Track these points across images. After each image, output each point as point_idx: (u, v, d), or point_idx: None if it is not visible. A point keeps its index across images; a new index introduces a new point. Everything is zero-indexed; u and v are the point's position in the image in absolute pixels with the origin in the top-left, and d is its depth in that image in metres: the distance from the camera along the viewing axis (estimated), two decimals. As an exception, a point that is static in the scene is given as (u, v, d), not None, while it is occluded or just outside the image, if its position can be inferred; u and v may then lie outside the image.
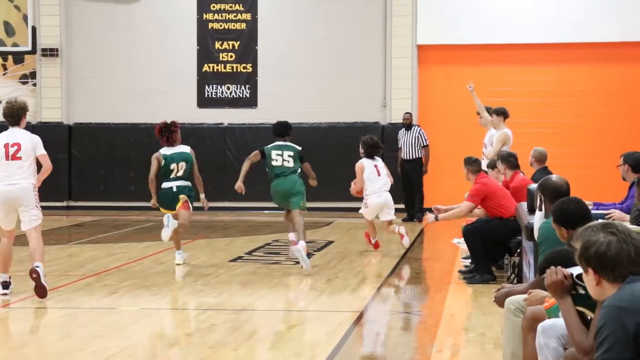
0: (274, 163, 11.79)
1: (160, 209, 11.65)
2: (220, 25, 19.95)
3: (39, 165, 9.80)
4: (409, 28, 19.33)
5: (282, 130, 12.11)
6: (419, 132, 17.83)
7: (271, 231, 15.65)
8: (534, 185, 8.37)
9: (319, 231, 15.84)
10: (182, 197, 11.47)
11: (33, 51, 17.74)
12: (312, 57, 19.76)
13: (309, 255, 12.24)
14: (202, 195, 11.74)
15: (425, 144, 17.78)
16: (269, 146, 11.96)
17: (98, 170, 19.87)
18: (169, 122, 11.86)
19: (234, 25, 19.94)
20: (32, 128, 19.52)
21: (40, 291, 9.29)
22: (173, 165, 11.53)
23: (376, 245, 13.16)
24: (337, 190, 18.90)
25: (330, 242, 14.16)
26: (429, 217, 10.86)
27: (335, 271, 11.28)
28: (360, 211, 13.16)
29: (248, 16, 19.90)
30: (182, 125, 19.19)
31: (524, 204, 9.13)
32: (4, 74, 20.04)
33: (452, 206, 10.95)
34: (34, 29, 16.85)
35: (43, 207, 19.46)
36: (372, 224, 13.14)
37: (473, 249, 10.51)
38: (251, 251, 13.18)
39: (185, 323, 8.83)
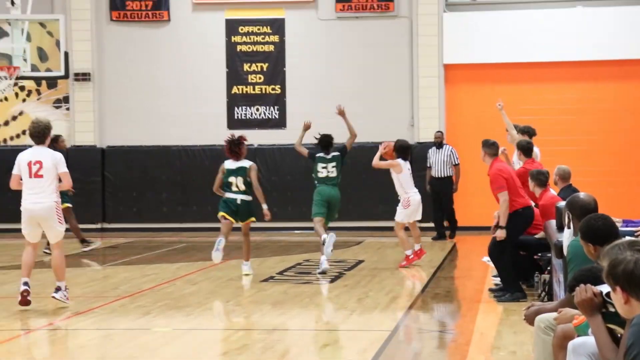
0: (319, 175, 13.07)
1: (220, 212, 12.35)
2: (249, 48, 20.07)
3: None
4: (435, 48, 19.35)
5: (328, 144, 13.16)
6: (450, 151, 17.81)
7: (302, 251, 15.65)
8: (562, 203, 8.35)
9: (349, 250, 15.84)
10: (251, 220, 12.51)
11: (66, 76, 17.89)
12: (340, 77, 19.82)
13: (339, 275, 12.34)
14: (265, 206, 12.28)
15: (456, 163, 17.77)
16: (317, 156, 13.17)
17: (131, 193, 20.00)
18: (236, 136, 12.53)
19: (262, 48, 20.06)
20: (66, 152, 19.74)
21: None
22: (232, 179, 12.33)
23: (421, 253, 13.40)
24: (366, 209, 18.95)
25: (360, 262, 14.16)
26: (499, 233, 10.37)
27: (365, 290, 11.28)
28: (399, 217, 13.34)
29: (276, 38, 20.02)
30: (212, 146, 19.63)
31: (553, 222, 9.10)
32: (38, 99, 20.27)
33: (496, 215, 10.72)
34: (66, 54, 16.99)
35: (77, 230, 19.27)
36: (405, 236, 13.33)
37: (499, 266, 10.48)
38: (282, 271, 13.21)
39: (218, 343, 8.87)
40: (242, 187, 12.23)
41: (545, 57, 19.10)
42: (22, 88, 20.06)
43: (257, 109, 20.08)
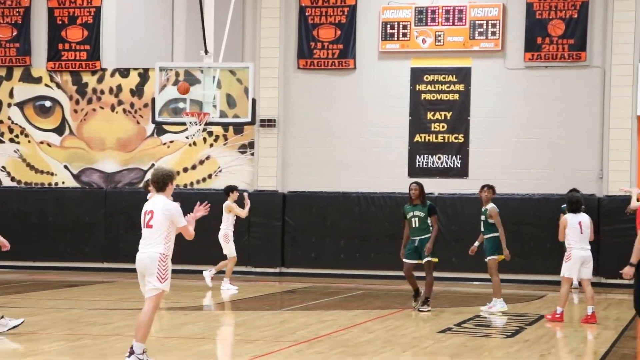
0: None
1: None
2: (433, 96, 20.02)
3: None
4: (629, 99, 18.77)
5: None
6: None
7: (480, 303, 15.27)
8: None
9: (531, 304, 15.39)
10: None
11: (252, 122, 18.28)
12: (526, 128, 19.49)
13: (520, 329, 11.96)
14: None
15: None
16: None
17: (310, 238, 20.21)
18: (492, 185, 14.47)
19: (446, 96, 19.96)
20: (250, 195, 20.22)
21: None
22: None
23: (560, 318, 12.90)
24: (549, 262, 18.37)
25: (542, 316, 13.70)
26: (627, 270, 10.01)
27: (548, 347, 10.87)
28: (563, 272, 12.98)
29: (461, 87, 19.88)
30: (391, 194, 19.59)
31: None
32: (224, 144, 20.88)
33: None
34: (253, 101, 17.40)
35: (258, 273, 19.92)
36: (567, 292, 12.96)
37: None
38: (460, 323, 12.94)
39: (394, 393, 8.71)
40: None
41: None
42: (210, 133, 20.72)
43: (439, 158, 19.95)
